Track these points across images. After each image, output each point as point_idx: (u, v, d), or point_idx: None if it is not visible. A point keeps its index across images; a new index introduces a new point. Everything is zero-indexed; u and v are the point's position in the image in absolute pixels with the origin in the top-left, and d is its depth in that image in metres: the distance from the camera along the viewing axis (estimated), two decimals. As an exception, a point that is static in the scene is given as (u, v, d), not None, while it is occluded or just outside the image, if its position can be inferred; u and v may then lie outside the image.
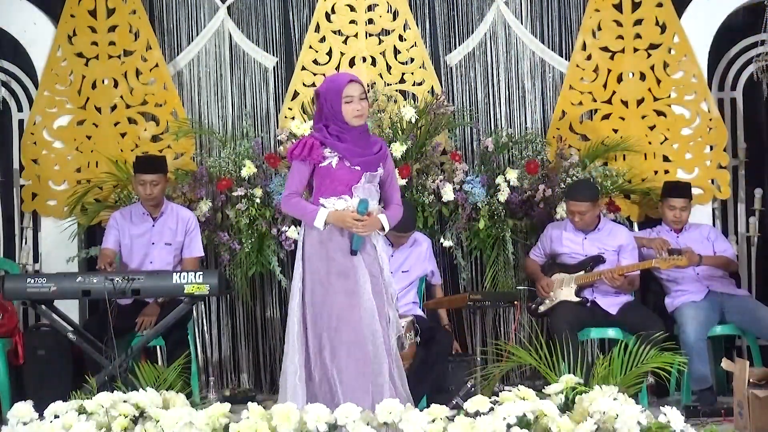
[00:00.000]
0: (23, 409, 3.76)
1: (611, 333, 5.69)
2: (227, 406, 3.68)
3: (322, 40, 6.48)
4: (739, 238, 6.53)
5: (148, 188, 5.71)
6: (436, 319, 5.87)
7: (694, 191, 6.12)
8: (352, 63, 6.47)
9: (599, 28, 6.45)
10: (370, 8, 6.50)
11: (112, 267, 5.49)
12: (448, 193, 6.09)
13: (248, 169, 6.14)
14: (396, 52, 6.48)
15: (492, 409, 3.62)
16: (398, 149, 6.03)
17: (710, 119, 6.35)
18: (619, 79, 6.42)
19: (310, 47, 6.47)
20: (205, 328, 6.43)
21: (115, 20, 6.46)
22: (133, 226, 5.78)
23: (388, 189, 4.49)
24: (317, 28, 6.48)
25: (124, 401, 3.76)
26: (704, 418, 5.15)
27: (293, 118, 6.32)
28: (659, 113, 6.40)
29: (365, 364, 4.22)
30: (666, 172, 6.35)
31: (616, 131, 6.39)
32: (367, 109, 4.36)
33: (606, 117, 6.43)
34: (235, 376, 6.45)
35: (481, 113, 6.52)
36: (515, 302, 5.53)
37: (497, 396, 3.73)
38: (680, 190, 5.97)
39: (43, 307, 5.07)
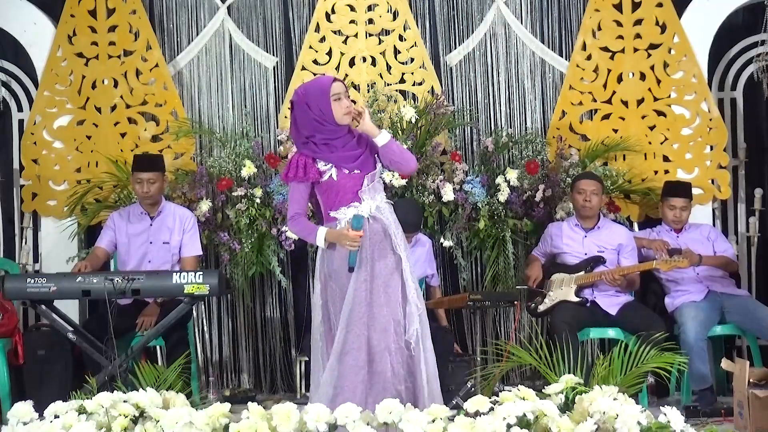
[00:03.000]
0: (23, 409, 3.75)
1: (611, 333, 5.68)
2: (227, 406, 3.68)
3: (322, 40, 6.48)
4: (739, 238, 6.52)
5: (145, 186, 5.72)
6: (435, 319, 5.86)
7: (694, 191, 6.12)
8: (352, 63, 6.47)
9: (599, 28, 6.45)
10: (370, 8, 6.50)
11: (86, 269, 5.44)
12: (448, 193, 6.09)
13: (248, 169, 6.14)
14: (396, 52, 6.48)
15: (492, 409, 3.61)
16: (398, 149, 6.03)
17: (710, 119, 6.35)
18: (619, 79, 6.42)
19: (310, 47, 6.47)
20: (205, 328, 6.43)
21: (115, 20, 6.46)
22: (131, 225, 5.78)
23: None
24: (317, 28, 6.48)
25: (124, 401, 3.75)
26: (704, 418, 5.15)
27: (293, 118, 6.31)
28: (659, 113, 6.40)
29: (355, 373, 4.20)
30: (666, 172, 6.35)
31: (616, 131, 6.40)
32: (352, 107, 4.31)
33: (606, 117, 6.43)
34: (235, 376, 6.45)
35: (481, 113, 6.51)
36: (515, 302, 5.53)
37: (497, 396, 3.73)
38: (681, 189, 5.97)
39: (43, 307, 5.06)
